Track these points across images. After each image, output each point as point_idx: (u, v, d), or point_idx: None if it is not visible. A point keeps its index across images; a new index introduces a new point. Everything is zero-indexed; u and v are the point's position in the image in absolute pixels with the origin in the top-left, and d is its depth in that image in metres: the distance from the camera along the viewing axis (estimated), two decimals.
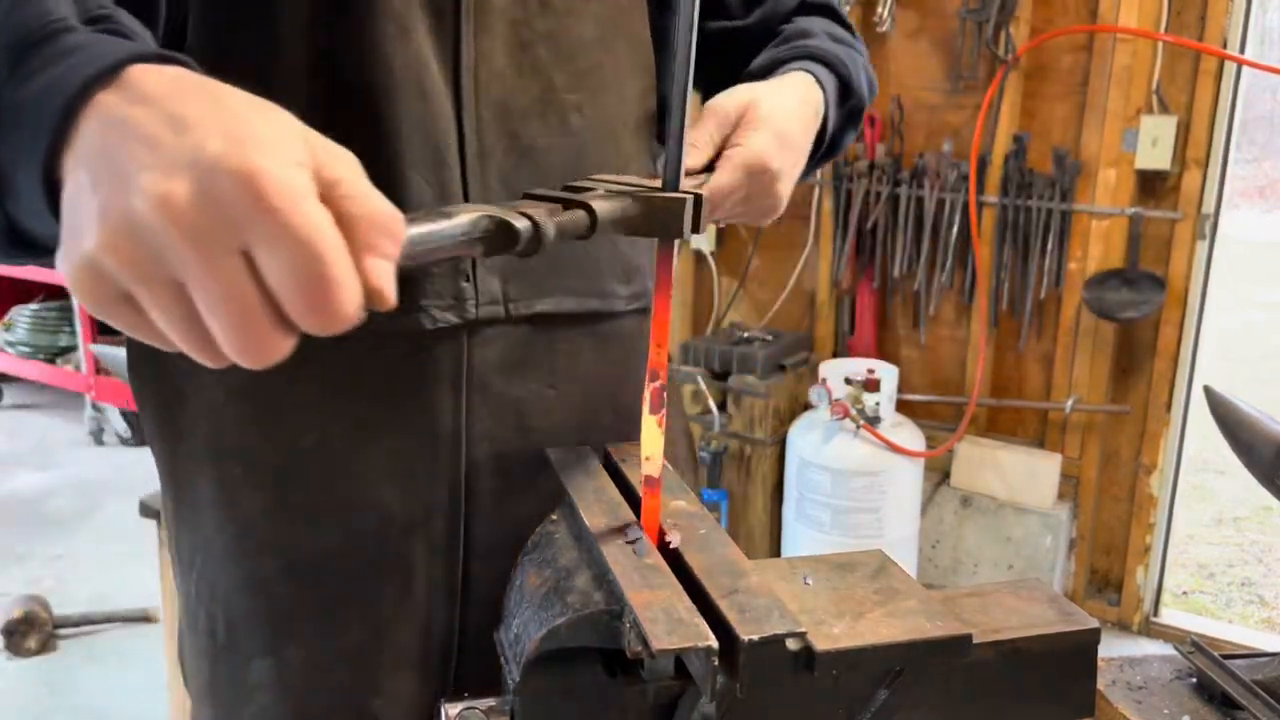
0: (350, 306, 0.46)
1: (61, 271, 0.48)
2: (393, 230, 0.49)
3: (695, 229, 0.69)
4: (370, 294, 0.47)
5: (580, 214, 0.64)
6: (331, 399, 0.85)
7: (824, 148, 0.96)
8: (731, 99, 0.84)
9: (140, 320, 0.48)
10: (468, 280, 0.85)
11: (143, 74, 0.49)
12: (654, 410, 0.70)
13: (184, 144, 0.45)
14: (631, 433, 0.84)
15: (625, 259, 0.95)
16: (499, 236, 0.58)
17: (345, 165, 0.49)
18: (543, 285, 0.89)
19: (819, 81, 0.93)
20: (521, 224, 0.58)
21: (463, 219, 0.56)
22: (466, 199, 0.84)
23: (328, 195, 0.47)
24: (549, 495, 0.83)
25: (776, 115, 0.84)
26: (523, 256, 0.60)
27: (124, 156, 0.45)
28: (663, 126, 1.00)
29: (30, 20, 0.53)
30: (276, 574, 0.88)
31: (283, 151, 0.46)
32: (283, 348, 0.48)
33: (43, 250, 0.57)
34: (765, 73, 0.94)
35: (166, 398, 0.88)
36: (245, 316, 0.45)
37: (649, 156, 0.98)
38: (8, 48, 0.53)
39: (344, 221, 0.47)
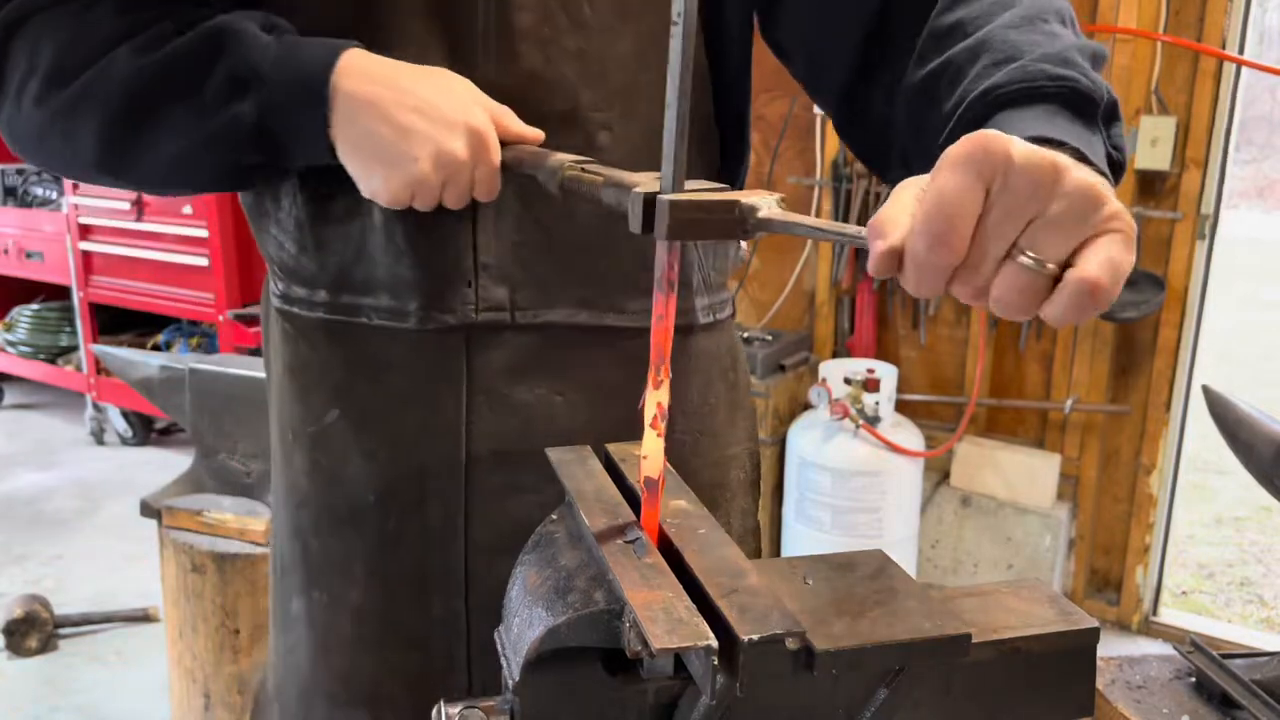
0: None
1: (373, 188, 0.80)
2: (527, 135, 0.83)
3: (652, 230, 0.64)
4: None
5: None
6: (350, 382, 0.94)
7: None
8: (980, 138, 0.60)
9: (430, 200, 0.81)
10: (469, 286, 0.89)
11: (351, 59, 0.79)
12: (654, 425, 0.70)
13: (437, 116, 0.78)
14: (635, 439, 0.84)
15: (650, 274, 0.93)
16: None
17: (504, 114, 0.82)
18: (553, 296, 0.91)
19: (1056, 140, 0.65)
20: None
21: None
22: (474, 215, 0.88)
23: (498, 126, 0.81)
24: (554, 499, 0.83)
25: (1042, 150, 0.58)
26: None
27: (399, 123, 0.78)
28: (724, 145, 0.99)
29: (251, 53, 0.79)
30: (310, 525, 0.99)
31: (477, 112, 0.80)
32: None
33: (271, 155, 0.82)
34: (977, 116, 0.71)
35: (267, 372, 1.05)
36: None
37: (699, 174, 0.92)
38: (241, 78, 0.79)
39: (500, 132, 0.81)
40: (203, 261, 3.70)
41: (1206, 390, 1.23)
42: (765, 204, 0.62)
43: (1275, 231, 10.64)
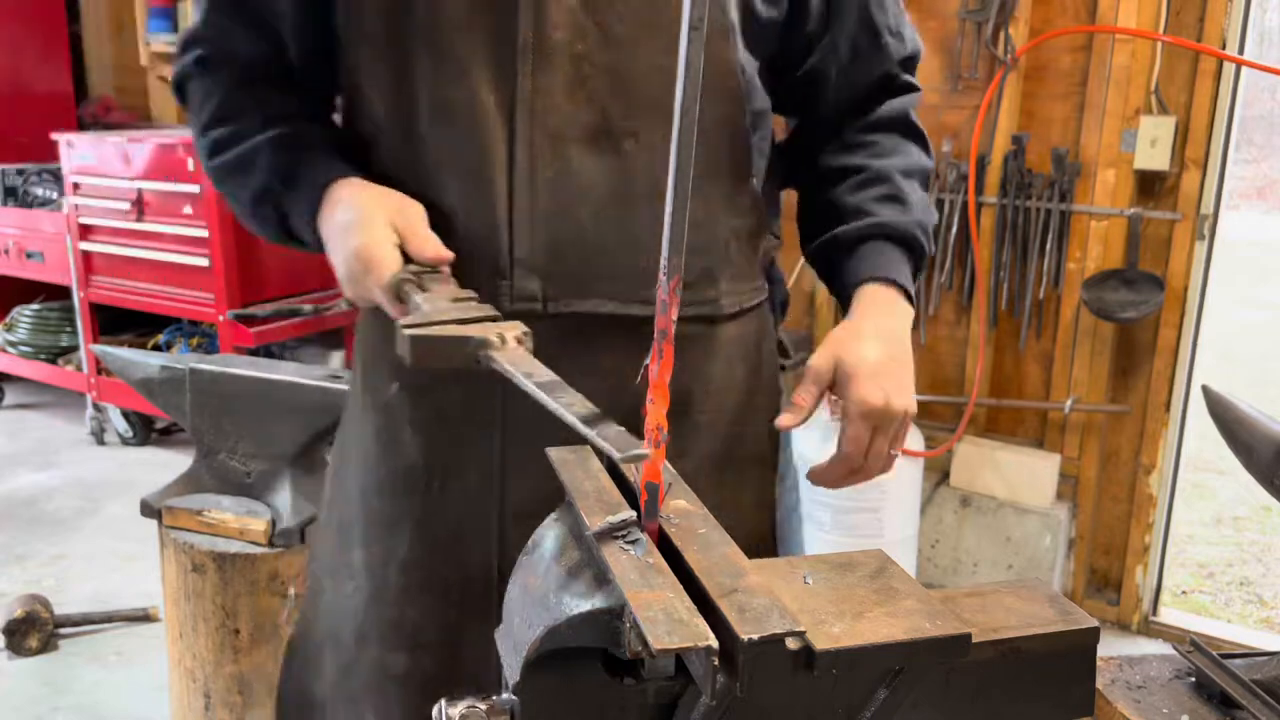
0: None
1: (336, 268, 1.00)
2: (428, 253, 0.97)
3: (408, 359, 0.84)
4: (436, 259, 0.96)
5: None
6: (402, 364, 1.06)
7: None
8: (822, 359, 1.03)
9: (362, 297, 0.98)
10: (504, 279, 1.02)
11: (336, 193, 1.02)
12: (652, 442, 0.70)
13: (347, 240, 0.97)
14: (671, 428, 0.92)
15: (685, 268, 1.02)
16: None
17: (409, 216, 0.98)
18: (584, 288, 1.03)
19: (898, 284, 1.08)
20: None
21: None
22: (511, 215, 1.01)
23: (403, 236, 0.97)
24: None
25: (866, 360, 1.01)
26: None
27: (333, 245, 1.00)
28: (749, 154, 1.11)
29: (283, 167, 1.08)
30: (374, 486, 1.13)
31: (380, 230, 0.96)
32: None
33: (298, 241, 1.09)
34: (839, 247, 1.12)
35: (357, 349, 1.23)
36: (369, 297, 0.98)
37: (729, 179, 1.08)
38: (285, 178, 1.07)
39: (405, 244, 0.97)
40: (203, 261, 3.70)
41: (1206, 390, 1.24)
42: (505, 338, 0.82)
43: (1275, 231, 10.64)
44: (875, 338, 1.03)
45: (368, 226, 0.96)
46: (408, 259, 0.96)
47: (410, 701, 1.11)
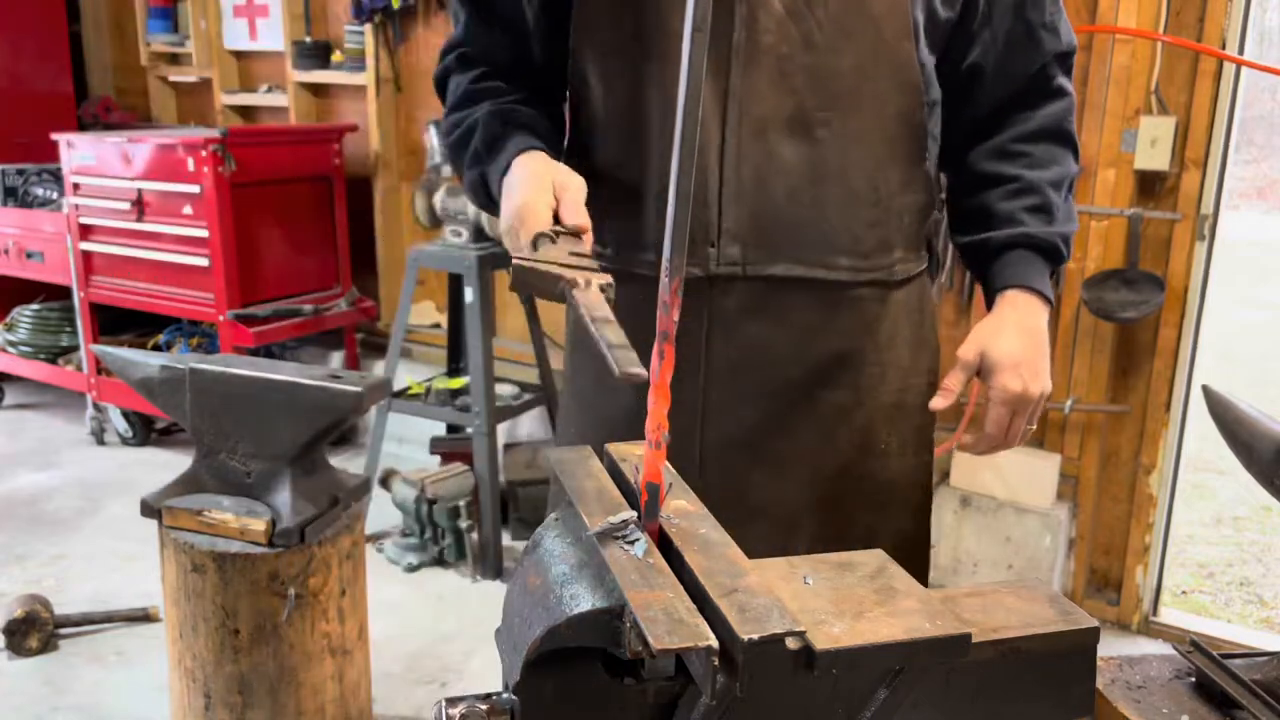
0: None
1: (501, 220, 1.13)
2: (571, 219, 1.06)
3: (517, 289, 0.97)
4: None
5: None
6: (627, 315, 1.18)
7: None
8: (970, 350, 1.22)
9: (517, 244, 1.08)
10: (713, 246, 1.19)
11: (520, 160, 1.16)
12: (654, 439, 0.71)
13: (512, 197, 1.11)
14: (835, 367, 1.25)
15: (858, 238, 1.21)
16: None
17: (570, 189, 1.09)
18: (777, 254, 1.20)
19: (1037, 291, 1.26)
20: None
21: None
22: (720, 192, 1.18)
23: (559, 202, 1.08)
24: (769, 408, 1.24)
25: (1009, 353, 1.21)
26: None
27: (505, 199, 1.13)
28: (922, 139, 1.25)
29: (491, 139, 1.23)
30: (591, 426, 1.31)
31: (541, 194, 1.08)
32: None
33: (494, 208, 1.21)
34: (989, 250, 1.28)
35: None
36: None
37: (906, 161, 1.22)
38: (489, 148, 1.23)
39: (558, 208, 1.07)
40: (203, 261, 3.70)
41: (1206, 390, 1.23)
42: (590, 283, 0.92)
43: (1275, 231, 10.64)
44: (1016, 333, 1.22)
45: (532, 188, 1.09)
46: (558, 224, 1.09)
47: None
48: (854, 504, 1.29)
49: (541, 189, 1.09)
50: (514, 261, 0.95)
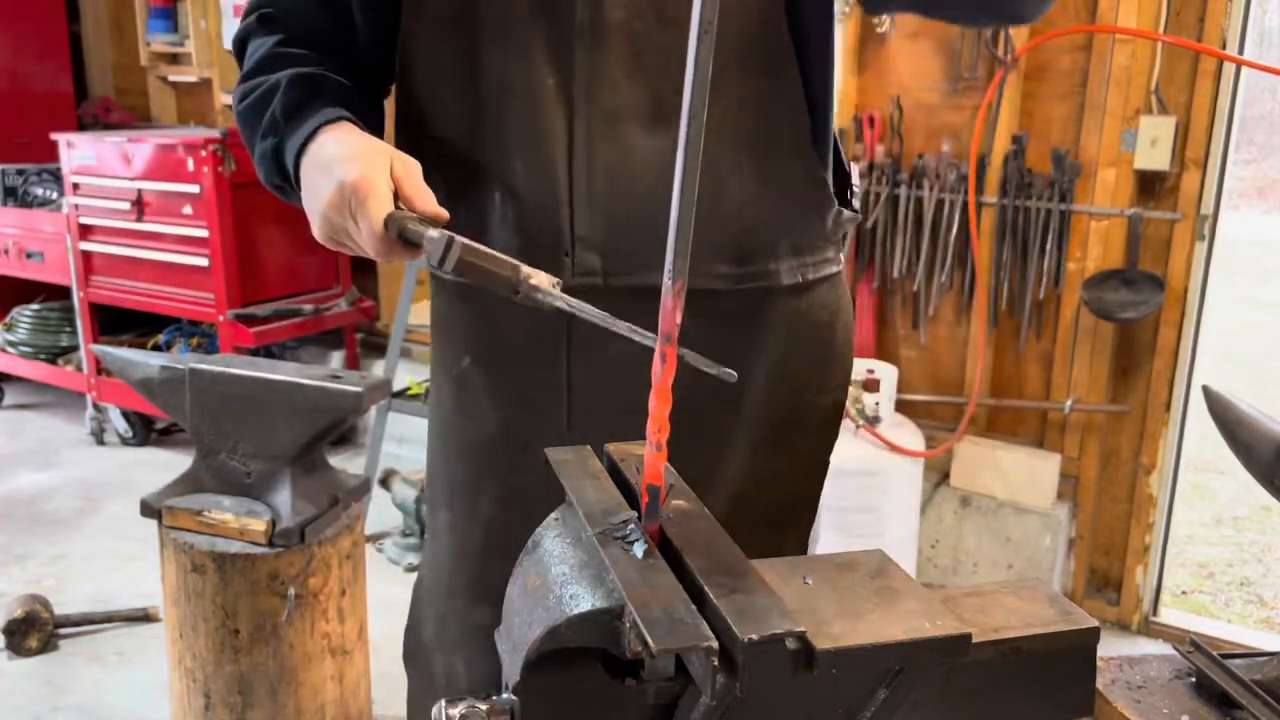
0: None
1: (316, 198, 0.96)
2: (429, 206, 0.94)
3: (441, 265, 0.87)
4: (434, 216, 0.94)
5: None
6: (476, 334, 1.15)
7: None
8: None
9: (342, 246, 0.98)
10: (567, 255, 1.06)
11: (332, 132, 0.99)
12: (654, 440, 0.70)
13: (335, 171, 0.94)
14: (721, 392, 1.02)
15: (737, 243, 1.08)
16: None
17: (412, 171, 0.96)
18: (641, 262, 1.06)
19: None
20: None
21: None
22: (571, 194, 1.04)
23: (398, 182, 0.94)
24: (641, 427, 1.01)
25: None
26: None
27: (318, 174, 0.97)
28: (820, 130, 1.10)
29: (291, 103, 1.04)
30: (454, 450, 1.23)
31: (380, 168, 0.93)
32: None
33: (284, 185, 1.07)
34: None
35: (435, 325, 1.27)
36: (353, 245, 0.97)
37: (789, 154, 1.07)
38: (286, 113, 1.04)
39: (399, 192, 0.94)
40: (203, 261, 3.70)
41: (1206, 390, 1.23)
42: (541, 277, 0.86)
43: (1275, 231, 10.63)
44: None
45: (368, 161, 0.94)
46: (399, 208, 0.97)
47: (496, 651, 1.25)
48: (749, 527, 1.13)
49: (379, 165, 0.94)
50: (456, 240, 0.84)
